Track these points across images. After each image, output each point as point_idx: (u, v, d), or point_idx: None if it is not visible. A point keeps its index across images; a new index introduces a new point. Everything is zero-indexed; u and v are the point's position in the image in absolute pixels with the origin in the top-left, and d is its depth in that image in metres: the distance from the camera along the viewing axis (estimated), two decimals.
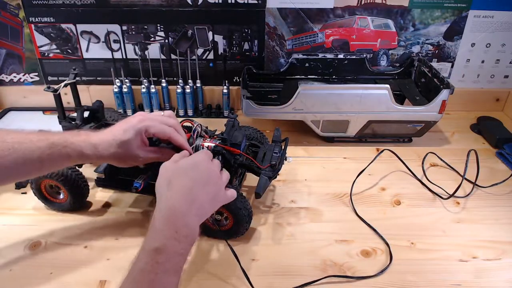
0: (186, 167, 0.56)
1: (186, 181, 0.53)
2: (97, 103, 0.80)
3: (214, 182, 0.57)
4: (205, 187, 0.54)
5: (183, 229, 0.49)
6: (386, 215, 0.75)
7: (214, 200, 0.56)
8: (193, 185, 0.53)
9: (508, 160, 0.89)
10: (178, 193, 0.52)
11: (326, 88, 0.95)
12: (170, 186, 0.53)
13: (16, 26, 1.01)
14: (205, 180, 0.55)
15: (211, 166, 0.58)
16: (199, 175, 0.55)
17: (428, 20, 1.01)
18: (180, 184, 0.53)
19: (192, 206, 0.52)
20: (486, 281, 0.62)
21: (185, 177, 0.54)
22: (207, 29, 1.02)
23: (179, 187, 0.53)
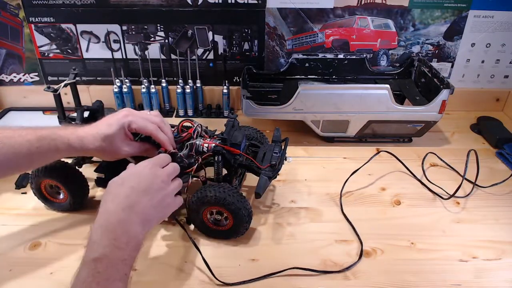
0: (126, 177, 0.56)
1: (124, 190, 0.54)
2: (97, 103, 0.80)
3: (158, 188, 0.56)
4: (147, 194, 0.55)
5: (122, 236, 0.49)
6: (386, 215, 0.75)
7: (160, 206, 0.56)
8: (131, 192, 0.53)
9: (508, 160, 0.89)
10: (114, 202, 0.52)
11: (326, 88, 0.95)
12: (108, 198, 0.53)
13: (16, 26, 1.01)
14: (146, 187, 0.55)
15: (156, 172, 0.58)
16: (139, 183, 0.55)
17: (428, 20, 1.01)
18: (117, 193, 0.53)
19: (131, 213, 0.52)
20: (486, 281, 0.62)
21: (123, 186, 0.54)
22: (207, 29, 1.02)
23: (116, 197, 0.53)
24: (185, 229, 0.68)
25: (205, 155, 0.70)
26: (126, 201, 0.53)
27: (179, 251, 0.67)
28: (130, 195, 0.53)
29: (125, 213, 0.51)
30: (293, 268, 0.62)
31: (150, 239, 0.69)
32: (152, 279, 0.62)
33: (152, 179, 0.56)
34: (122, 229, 0.50)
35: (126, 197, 0.53)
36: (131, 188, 0.54)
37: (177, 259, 0.65)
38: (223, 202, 0.63)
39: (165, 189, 0.58)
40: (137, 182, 0.55)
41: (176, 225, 0.72)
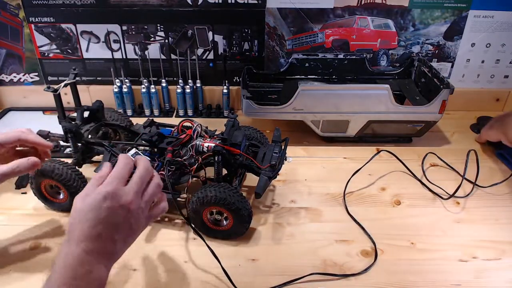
0: (89, 208, 0.47)
1: (85, 228, 0.46)
2: (97, 103, 0.80)
3: (123, 221, 0.48)
4: (114, 230, 0.48)
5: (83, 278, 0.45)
6: (386, 215, 0.75)
7: (130, 234, 0.50)
8: (95, 233, 0.46)
9: (508, 160, 0.89)
10: (75, 238, 0.46)
11: (326, 88, 0.95)
12: (72, 234, 0.47)
13: (16, 26, 1.01)
14: (112, 223, 0.47)
15: (118, 202, 0.48)
16: (104, 219, 0.47)
17: (428, 20, 1.01)
18: (81, 231, 0.46)
19: (93, 253, 0.46)
20: (486, 281, 0.62)
21: (85, 222, 0.47)
22: (207, 29, 1.02)
23: (78, 230, 0.46)
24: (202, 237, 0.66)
25: (205, 155, 0.70)
26: (89, 237, 0.46)
27: (179, 251, 0.67)
28: (92, 230, 0.46)
29: (86, 254, 0.45)
30: (312, 274, 0.62)
31: (150, 239, 0.69)
32: (152, 279, 0.62)
33: (116, 211, 0.48)
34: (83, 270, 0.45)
35: (89, 232, 0.46)
36: (95, 221, 0.47)
37: (177, 259, 0.65)
38: (223, 202, 0.63)
39: (135, 212, 0.49)
40: (98, 214, 0.47)
41: (176, 225, 0.72)
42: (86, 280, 0.45)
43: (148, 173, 0.53)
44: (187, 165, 0.70)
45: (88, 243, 0.46)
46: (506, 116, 0.87)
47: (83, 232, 0.46)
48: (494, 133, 0.90)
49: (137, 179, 0.51)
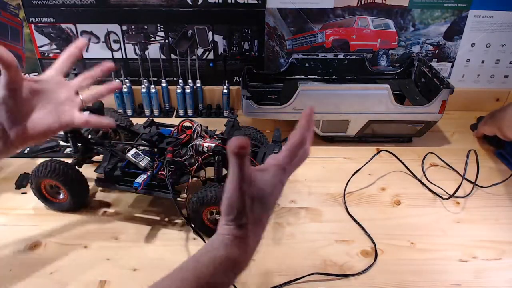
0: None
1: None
2: (97, 103, 0.80)
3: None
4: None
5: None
6: (386, 215, 0.75)
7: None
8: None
9: (508, 160, 0.89)
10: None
11: (326, 88, 0.95)
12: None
13: (16, 26, 1.01)
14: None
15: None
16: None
17: (428, 20, 1.01)
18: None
19: None
20: (486, 281, 0.62)
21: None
22: (207, 29, 1.02)
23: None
24: (202, 237, 0.66)
25: (205, 155, 0.70)
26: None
27: (179, 251, 0.67)
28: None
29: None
30: (312, 274, 0.62)
31: (150, 239, 0.69)
32: (152, 279, 0.62)
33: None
34: None
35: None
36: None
37: (177, 259, 0.65)
38: None
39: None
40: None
41: (176, 225, 0.72)
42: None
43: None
44: (187, 165, 0.70)
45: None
46: (500, 111, 0.88)
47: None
48: (489, 128, 0.91)
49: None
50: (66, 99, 0.57)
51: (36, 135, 0.53)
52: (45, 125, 0.54)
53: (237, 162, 0.39)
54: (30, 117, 0.52)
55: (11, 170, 0.85)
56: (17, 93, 0.50)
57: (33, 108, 0.53)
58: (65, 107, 0.56)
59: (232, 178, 0.40)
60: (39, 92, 0.54)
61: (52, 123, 0.55)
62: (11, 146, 0.52)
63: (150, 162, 0.70)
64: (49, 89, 0.55)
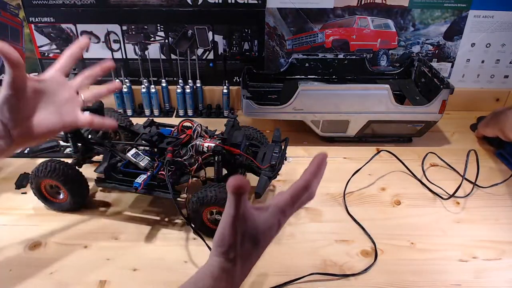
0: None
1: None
2: (97, 103, 0.80)
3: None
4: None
5: None
6: (386, 215, 0.75)
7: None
8: None
9: (508, 160, 0.89)
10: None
11: (326, 88, 0.95)
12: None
13: (16, 26, 1.01)
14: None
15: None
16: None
17: (428, 20, 1.01)
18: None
19: None
20: (486, 281, 0.62)
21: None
22: (207, 29, 1.02)
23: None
24: (202, 237, 0.66)
25: (205, 155, 0.70)
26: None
27: (179, 251, 0.67)
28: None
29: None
30: (312, 274, 0.62)
31: (150, 239, 0.69)
32: (152, 279, 0.62)
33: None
34: None
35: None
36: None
37: (177, 259, 0.65)
38: (223, 202, 0.63)
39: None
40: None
41: (176, 225, 0.72)
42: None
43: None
44: (187, 165, 0.70)
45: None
46: (501, 113, 0.88)
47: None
48: (491, 130, 0.91)
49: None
50: (68, 99, 0.57)
51: (39, 135, 0.53)
52: (48, 125, 0.54)
53: (234, 199, 0.40)
54: (33, 116, 0.52)
55: (11, 170, 0.85)
56: (21, 92, 0.50)
57: (36, 108, 0.53)
58: (68, 107, 0.56)
59: (228, 212, 0.41)
60: (42, 92, 0.54)
61: (55, 123, 0.55)
62: (13, 145, 0.52)
63: (150, 162, 0.70)
64: (51, 89, 0.55)
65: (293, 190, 0.46)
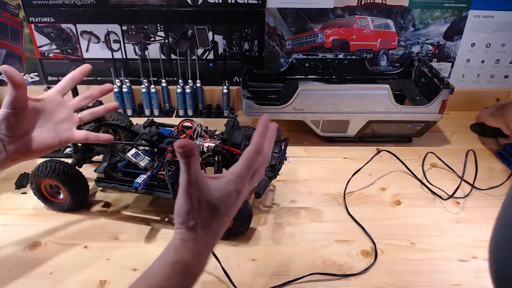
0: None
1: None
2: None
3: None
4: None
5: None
6: (386, 215, 0.75)
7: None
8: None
9: (508, 160, 0.89)
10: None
11: (326, 88, 0.95)
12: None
13: (16, 26, 1.01)
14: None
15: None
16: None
17: (428, 20, 1.01)
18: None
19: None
20: (486, 281, 0.62)
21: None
22: (207, 29, 1.02)
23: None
24: None
25: (205, 155, 0.70)
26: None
27: None
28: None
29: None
30: (312, 274, 0.62)
31: (150, 239, 0.69)
32: None
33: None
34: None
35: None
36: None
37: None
38: None
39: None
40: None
41: None
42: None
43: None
44: None
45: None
46: (507, 106, 0.87)
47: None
48: (494, 120, 0.90)
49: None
50: (65, 118, 0.61)
51: (34, 151, 0.56)
52: (44, 142, 0.57)
53: (184, 163, 0.41)
54: (29, 134, 0.55)
55: (11, 170, 0.85)
56: (20, 111, 0.53)
57: (33, 125, 0.56)
58: (64, 126, 0.60)
59: (181, 179, 0.42)
60: (40, 111, 0.57)
61: (51, 141, 0.58)
62: (8, 160, 0.54)
63: (150, 162, 0.70)
64: (49, 108, 0.58)
65: (245, 155, 0.46)
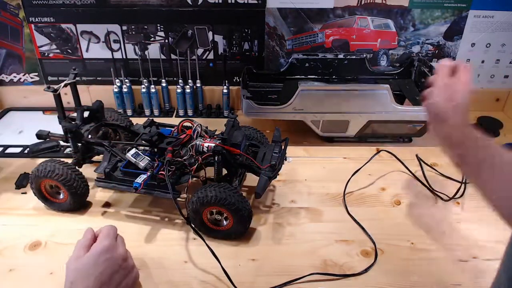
0: (87, 266, 0.53)
1: (90, 283, 0.52)
2: (97, 103, 0.80)
3: (120, 269, 0.55)
4: (112, 280, 0.54)
5: None
6: (386, 215, 0.75)
7: (125, 284, 0.55)
8: (99, 285, 0.52)
9: None
10: None
11: (326, 88, 0.95)
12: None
13: (16, 26, 1.01)
14: (110, 273, 0.54)
15: (115, 253, 0.56)
16: (103, 271, 0.53)
17: (428, 20, 1.01)
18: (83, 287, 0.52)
19: None
20: (486, 281, 0.62)
21: (88, 278, 0.52)
22: (207, 29, 1.02)
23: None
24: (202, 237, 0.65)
25: (205, 155, 0.70)
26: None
27: (179, 251, 0.67)
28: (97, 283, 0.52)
29: None
30: (312, 274, 0.62)
31: (150, 239, 0.69)
32: (152, 279, 0.62)
33: (113, 262, 0.55)
34: None
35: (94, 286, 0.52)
36: (98, 281, 0.52)
37: (177, 259, 0.65)
38: (223, 202, 0.63)
39: (125, 267, 0.56)
40: (101, 271, 0.53)
41: (176, 225, 0.72)
42: None
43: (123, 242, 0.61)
44: (187, 165, 0.70)
45: None
46: None
47: (86, 284, 0.52)
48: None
49: (120, 239, 0.60)
50: None
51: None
52: None
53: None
54: None
55: (11, 170, 0.85)
56: None
57: None
58: None
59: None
60: None
61: None
62: None
63: (150, 162, 0.70)
64: None
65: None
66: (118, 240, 0.59)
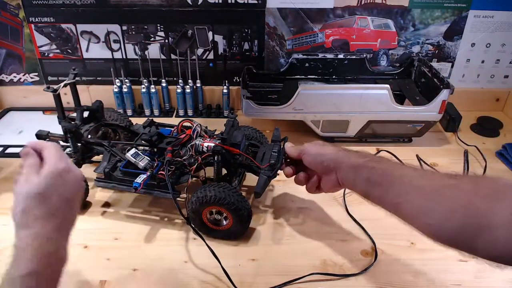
0: (45, 188, 0.51)
1: (49, 206, 0.50)
2: (97, 103, 0.80)
3: (80, 187, 0.52)
4: (72, 201, 0.51)
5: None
6: (386, 215, 0.75)
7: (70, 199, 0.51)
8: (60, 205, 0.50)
9: (508, 160, 0.89)
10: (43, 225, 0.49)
11: (326, 88, 0.95)
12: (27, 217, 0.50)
13: (16, 26, 1.01)
14: (72, 193, 0.51)
15: (71, 175, 0.51)
16: (63, 193, 0.51)
17: (428, 20, 1.01)
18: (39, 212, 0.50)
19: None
20: (486, 281, 0.62)
21: (45, 202, 0.51)
22: (207, 29, 1.02)
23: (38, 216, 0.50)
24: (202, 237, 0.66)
25: (204, 155, 0.70)
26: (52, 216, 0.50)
27: (179, 251, 0.67)
28: (59, 208, 0.51)
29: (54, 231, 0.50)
30: (312, 274, 0.62)
31: (150, 239, 0.69)
32: (152, 279, 0.62)
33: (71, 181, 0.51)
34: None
35: (52, 213, 0.50)
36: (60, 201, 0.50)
37: (177, 259, 0.65)
38: (222, 202, 0.63)
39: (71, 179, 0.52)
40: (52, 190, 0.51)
41: (176, 225, 0.72)
42: (55, 256, 0.48)
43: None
44: (187, 165, 0.70)
45: (51, 220, 0.49)
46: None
47: (41, 213, 0.50)
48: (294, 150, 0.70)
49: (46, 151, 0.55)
50: None
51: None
52: None
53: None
54: None
55: (11, 170, 0.85)
56: None
57: None
58: None
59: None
60: None
61: None
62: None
63: (149, 162, 0.70)
64: None
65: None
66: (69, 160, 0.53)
